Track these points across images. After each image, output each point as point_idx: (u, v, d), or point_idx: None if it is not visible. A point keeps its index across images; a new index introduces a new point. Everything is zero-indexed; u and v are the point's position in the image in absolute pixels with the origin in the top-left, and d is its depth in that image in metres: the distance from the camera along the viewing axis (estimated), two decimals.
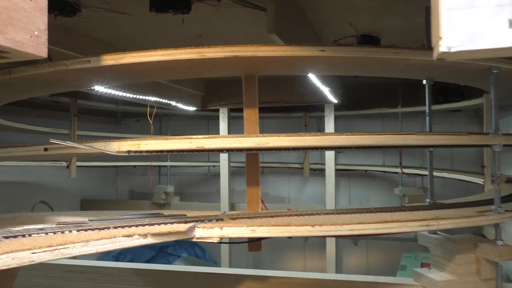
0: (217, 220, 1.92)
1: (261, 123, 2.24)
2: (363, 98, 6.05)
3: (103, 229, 1.68)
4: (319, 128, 6.93)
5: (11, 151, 2.10)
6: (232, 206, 6.32)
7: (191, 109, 5.66)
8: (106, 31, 3.37)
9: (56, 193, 6.35)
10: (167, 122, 7.22)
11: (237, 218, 1.97)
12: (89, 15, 2.71)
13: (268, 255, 6.96)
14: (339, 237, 5.06)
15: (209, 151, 1.92)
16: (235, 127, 6.09)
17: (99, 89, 3.72)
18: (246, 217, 1.99)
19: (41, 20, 1.19)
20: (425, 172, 5.79)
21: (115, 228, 1.71)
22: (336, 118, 5.97)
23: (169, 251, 6.56)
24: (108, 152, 1.80)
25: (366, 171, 6.83)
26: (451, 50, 0.88)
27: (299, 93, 5.03)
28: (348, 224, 1.79)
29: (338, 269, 6.26)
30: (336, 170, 6.11)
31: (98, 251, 1.51)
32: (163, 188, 6.77)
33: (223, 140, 1.91)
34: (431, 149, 2.51)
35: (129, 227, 1.73)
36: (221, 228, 1.78)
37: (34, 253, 1.34)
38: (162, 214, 2.03)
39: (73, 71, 2.01)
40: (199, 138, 1.84)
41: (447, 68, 2.24)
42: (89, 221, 1.83)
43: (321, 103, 5.69)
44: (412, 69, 2.34)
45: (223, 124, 6.08)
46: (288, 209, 2.16)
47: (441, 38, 0.88)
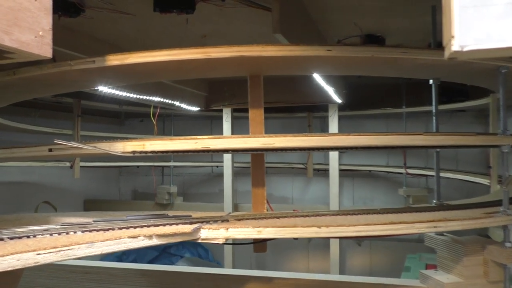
0: (222, 221, 1.91)
1: (264, 123, 2.22)
2: (367, 98, 6.02)
3: (107, 230, 1.67)
4: (323, 128, 6.90)
5: (15, 151, 2.09)
6: (235, 206, 6.29)
7: (195, 109, 5.65)
8: (110, 31, 3.36)
9: (59, 193, 6.34)
10: (171, 122, 7.22)
11: (242, 219, 1.96)
12: (93, 16, 2.70)
13: (272, 256, 6.94)
14: (345, 238, 5.04)
15: (214, 151, 1.90)
16: (238, 127, 6.07)
17: (103, 89, 3.71)
18: (252, 218, 1.97)
19: (46, 20, 1.18)
20: (429, 173, 5.76)
21: (120, 229, 1.69)
22: (339, 118, 5.94)
23: (172, 251, 6.55)
24: (113, 153, 1.79)
25: (370, 171, 6.80)
26: (464, 49, 0.86)
27: (303, 93, 5.01)
28: (355, 225, 1.77)
29: (342, 270, 6.23)
30: (340, 170, 6.08)
31: (103, 252, 1.49)
32: (166, 188, 6.76)
33: (228, 140, 1.89)
34: (438, 149, 2.49)
35: (134, 228, 1.71)
36: (227, 229, 1.77)
37: (39, 254, 1.33)
38: (167, 215, 2.01)
39: (77, 71, 2.00)
40: (205, 138, 1.82)
41: (454, 68, 2.22)
42: (93, 222, 1.82)
43: (325, 103, 5.67)
44: (419, 68, 2.32)
45: (226, 124, 6.07)
46: (294, 210, 2.14)
47: (453, 37, 0.86)
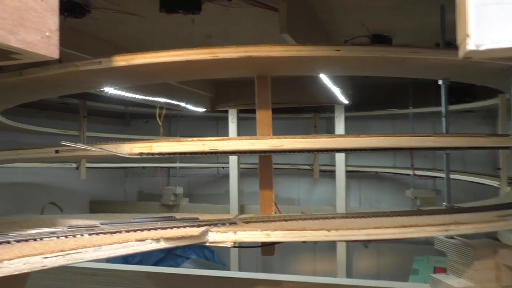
0: (230, 224, 1.88)
1: None
2: (373, 99, 5.98)
3: (115, 233, 1.65)
4: (329, 129, 6.86)
5: (22, 153, 2.08)
6: (241, 208, 6.27)
7: (200, 110, 5.63)
8: (116, 32, 3.35)
9: (65, 194, 6.36)
10: (176, 123, 7.22)
11: (250, 222, 1.93)
12: (99, 17, 2.69)
13: (278, 258, 6.90)
14: (354, 241, 5.00)
15: (222, 153, 1.88)
16: (244, 128, 6.05)
17: (109, 90, 3.70)
18: (260, 221, 1.94)
19: (52, 20, 1.16)
20: (437, 174, 5.71)
21: (127, 232, 1.67)
22: (345, 119, 5.90)
23: (178, 252, 6.54)
24: (120, 155, 1.78)
25: (377, 172, 6.75)
26: (480, 48, 0.83)
27: (310, 93, 4.97)
28: (365, 228, 1.74)
29: (349, 272, 6.19)
30: (346, 171, 6.04)
31: (110, 256, 1.47)
32: (172, 189, 6.75)
33: (236, 142, 1.87)
34: (448, 151, 2.46)
35: (141, 231, 1.69)
36: (235, 232, 1.74)
37: (46, 257, 1.31)
38: (174, 217, 1.99)
39: (84, 72, 1.99)
40: (212, 140, 1.80)
41: (465, 68, 2.19)
42: (100, 224, 1.80)
43: (331, 104, 5.63)
44: (429, 68, 2.29)
45: (232, 126, 6.05)
46: (302, 212, 2.11)
47: (468, 35, 0.83)
